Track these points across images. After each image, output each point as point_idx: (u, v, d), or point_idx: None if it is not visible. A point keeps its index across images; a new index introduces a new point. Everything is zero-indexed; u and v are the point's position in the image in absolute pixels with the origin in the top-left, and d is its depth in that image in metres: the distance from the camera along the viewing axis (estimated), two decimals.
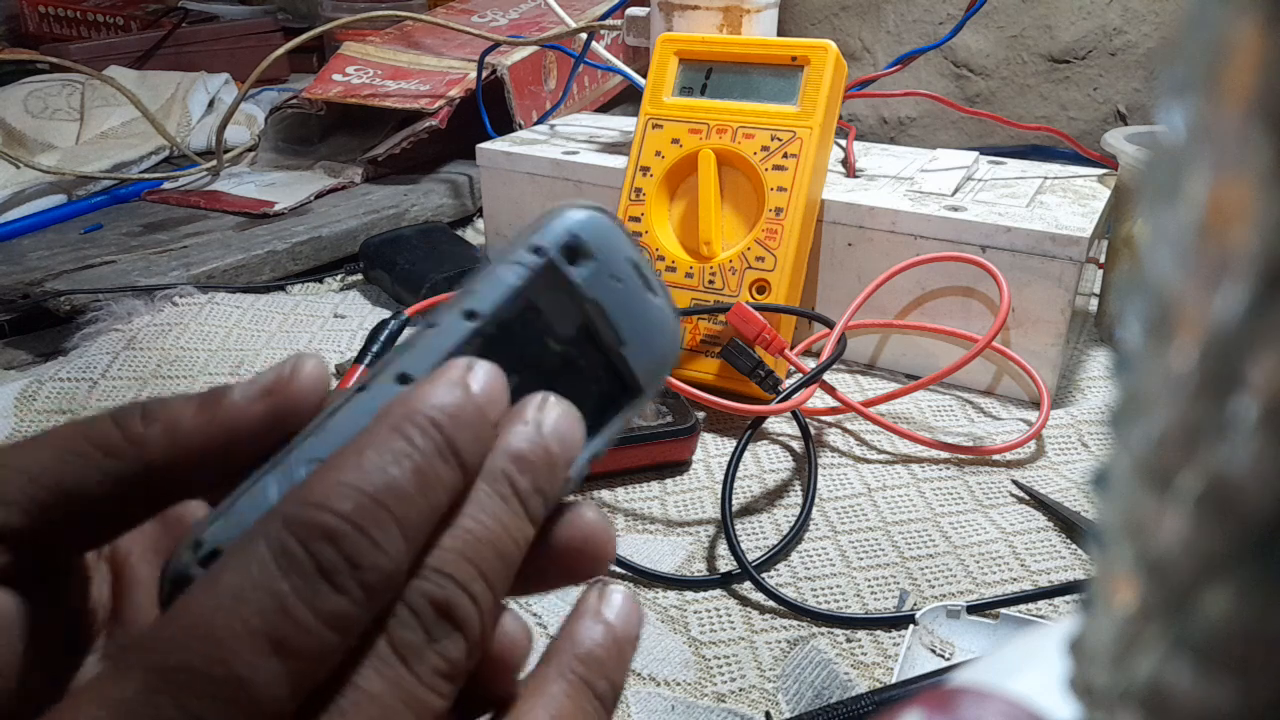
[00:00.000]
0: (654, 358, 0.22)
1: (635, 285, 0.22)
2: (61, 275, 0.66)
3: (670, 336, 0.22)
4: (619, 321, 0.21)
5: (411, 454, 0.17)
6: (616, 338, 0.21)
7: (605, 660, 0.21)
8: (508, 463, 0.19)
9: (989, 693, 0.16)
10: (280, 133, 0.94)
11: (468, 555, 0.18)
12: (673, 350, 0.22)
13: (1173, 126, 0.11)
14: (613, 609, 0.22)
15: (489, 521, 0.18)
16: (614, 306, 0.21)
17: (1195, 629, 0.10)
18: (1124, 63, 0.94)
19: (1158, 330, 0.11)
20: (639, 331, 0.22)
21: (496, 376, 0.19)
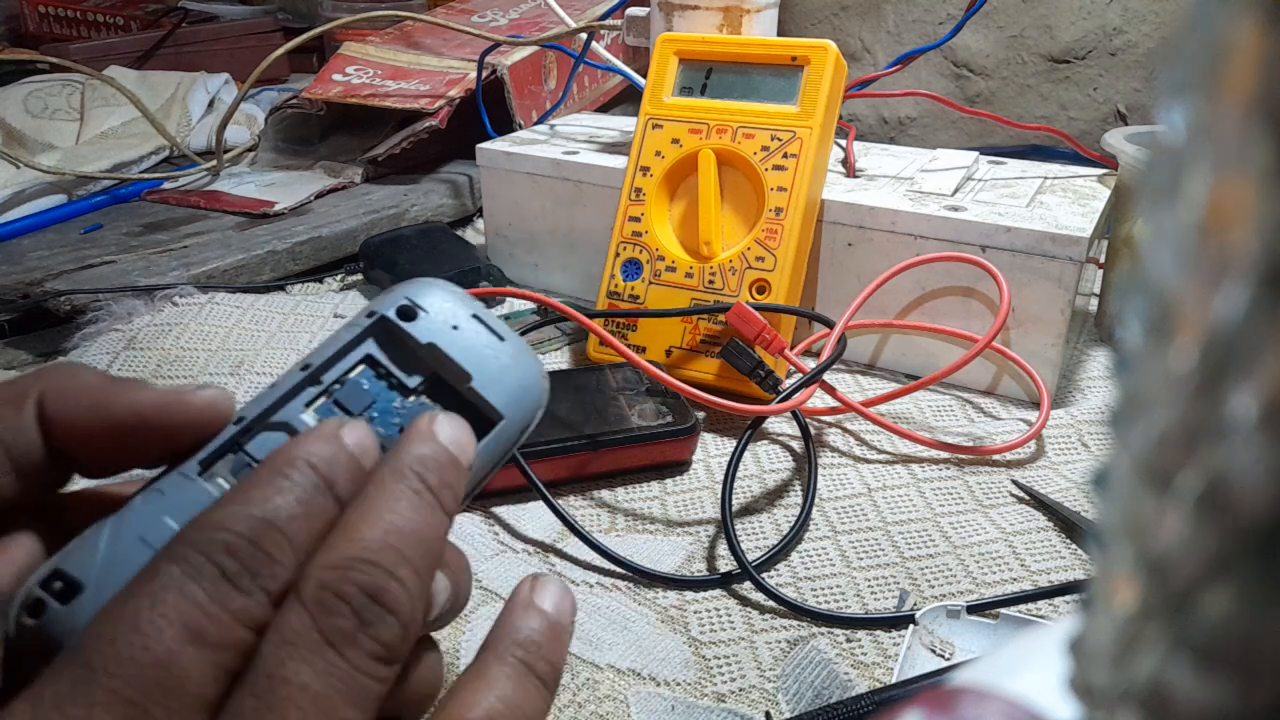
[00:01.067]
0: (510, 388, 0.24)
1: (477, 331, 0.24)
2: (61, 275, 0.66)
3: (527, 369, 0.24)
4: (460, 360, 0.23)
5: (291, 488, 0.20)
6: (463, 374, 0.23)
7: (542, 643, 0.23)
8: (416, 463, 0.21)
9: (989, 693, 0.16)
10: (280, 133, 0.94)
11: (392, 544, 0.20)
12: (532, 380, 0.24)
13: (1173, 126, 0.11)
14: (546, 597, 0.23)
15: (408, 513, 0.20)
16: (453, 348, 0.24)
17: (1195, 629, 0.10)
18: (1124, 63, 0.94)
19: (1158, 330, 0.11)
20: (486, 367, 0.24)
21: (366, 432, 0.22)
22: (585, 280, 0.69)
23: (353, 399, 0.23)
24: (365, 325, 0.24)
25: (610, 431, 0.47)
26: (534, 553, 0.43)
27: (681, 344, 0.56)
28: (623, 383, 0.52)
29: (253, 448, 0.22)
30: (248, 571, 0.19)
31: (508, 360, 0.24)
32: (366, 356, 0.24)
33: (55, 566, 0.19)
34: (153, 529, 0.20)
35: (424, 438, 0.22)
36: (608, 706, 0.34)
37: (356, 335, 0.24)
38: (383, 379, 0.24)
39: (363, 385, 0.23)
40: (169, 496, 0.21)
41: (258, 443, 0.22)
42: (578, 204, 0.67)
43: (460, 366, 0.23)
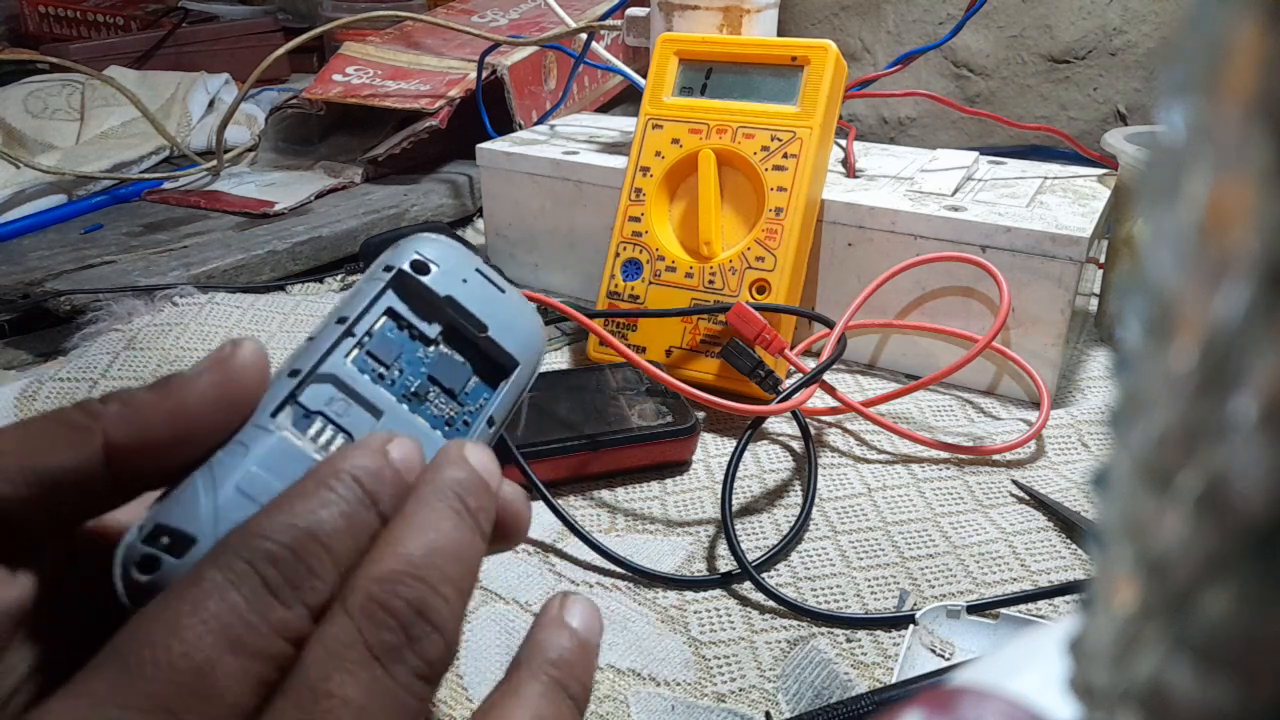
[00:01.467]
0: (520, 336, 0.26)
1: (483, 284, 0.26)
2: (61, 275, 0.66)
3: (529, 318, 0.27)
4: (476, 311, 0.25)
5: (338, 501, 0.20)
6: (479, 324, 0.25)
7: (574, 663, 0.22)
8: (456, 485, 0.21)
9: (989, 693, 0.16)
10: (280, 133, 0.94)
11: (436, 562, 0.20)
12: (536, 329, 0.27)
13: (1173, 126, 0.11)
14: (576, 616, 0.23)
15: (450, 532, 0.20)
16: (468, 300, 0.26)
17: (1195, 629, 0.10)
18: (1124, 63, 0.94)
19: (1158, 330, 0.11)
20: (499, 317, 0.26)
21: (412, 448, 0.22)
22: (585, 280, 0.69)
23: (383, 350, 0.24)
24: (386, 279, 0.25)
25: (610, 431, 0.47)
26: (534, 553, 0.43)
27: (681, 344, 0.56)
28: (623, 383, 0.52)
29: (306, 399, 0.23)
30: (289, 583, 0.18)
31: (514, 311, 0.26)
32: (388, 309, 0.25)
33: (157, 522, 0.20)
34: (246, 480, 0.21)
35: (458, 462, 0.22)
36: (608, 706, 0.34)
37: (379, 289, 0.25)
38: (404, 329, 0.25)
39: (389, 336, 0.25)
40: (253, 449, 0.21)
41: (309, 394, 0.23)
42: (578, 204, 0.67)
43: (476, 317, 0.25)
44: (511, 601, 0.39)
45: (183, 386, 0.21)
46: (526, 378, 0.26)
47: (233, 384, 0.21)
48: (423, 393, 0.25)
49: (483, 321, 0.25)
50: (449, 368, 0.25)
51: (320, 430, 0.23)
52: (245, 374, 0.21)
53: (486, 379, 0.26)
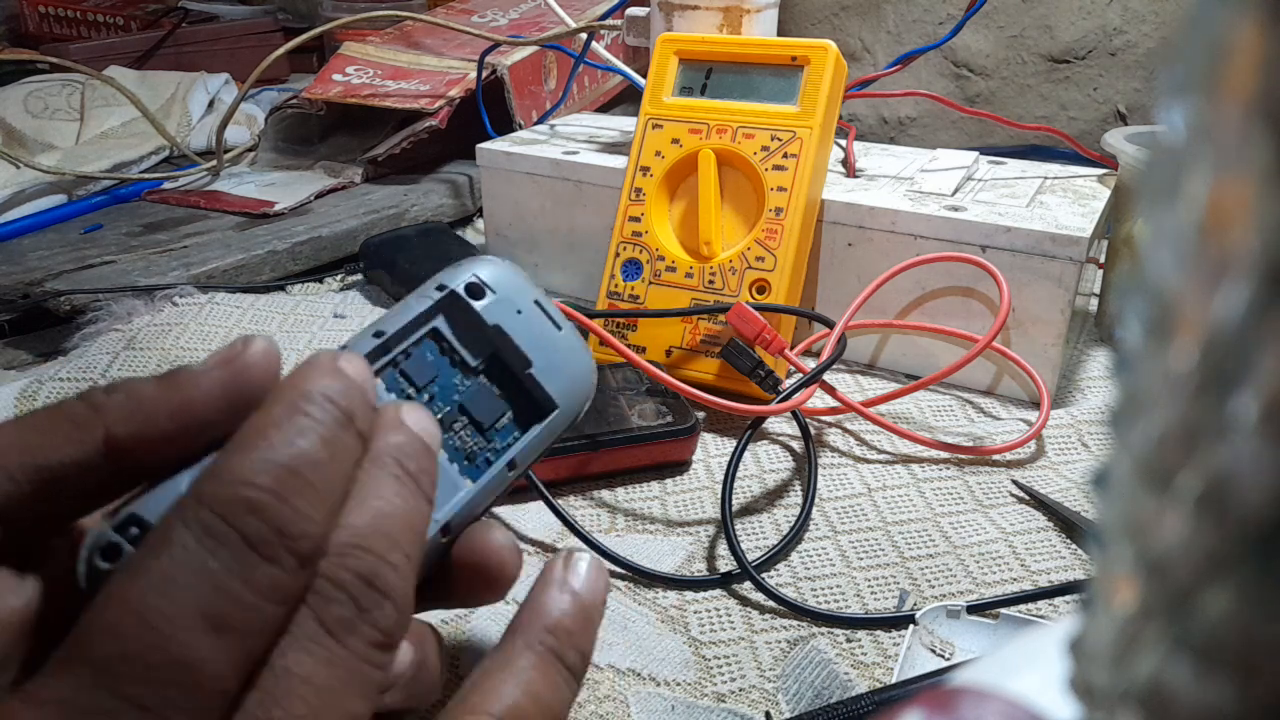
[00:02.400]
0: (566, 378, 0.24)
1: (538, 317, 0.25)
2: (61, 275, 0.66)
3: (581, 361, 0.25)
4: (523, 345, 0.24)
5: (315, 426, 0.18)
6: (524, 359, 0.24)
7: (574, 630, 0.22)
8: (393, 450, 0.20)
9: (989, 693, 0.16)
10: (280, 133, 0.94)
11: (382, 530, 0.19)
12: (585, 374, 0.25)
13: (1173, 126, 0.11)
14: (579, 577, 0.22)
15: (394, 498, 0.19)
16: (518, 333, 0.24)
17: (1195, 629, 0.10)
18: (1124, 63, 0.94)
19: (1158, 330, 0.11)
20: (546, 355, 0.24)
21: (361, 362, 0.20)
22: (585, 280, 0.69)
23: (417, 371, 0.23)
24: (436, 299, 0.24)
25: (610, 431, 0.47)
26: (534, 553, 0.43)
27: (681, 344, 0.56)
28: (623, 383, 0.52)
29: None
30: (275, 533, 0.17)
31: (565, 351, 0.25)
32: (432, 330, 0.24)
33: (131, 511, 0.19)
34: None
35: (394, 425, 0.21)
36: (608, 707, 0.34)
37: (427, 308, 0.24)
38: (445, 354, 0.24)
39: (427, 358, 0.24)
40: None
41: None
42: (578, 204, 0.67)
43: (523, 352, 0.24)
44: (511, 601, 0.39)
45: (189, 381, 0.20)
46: (562, 424, 0.25)
47: (240, 381, 0.20)
48: (448, 421, 0.23)
49: (529, 358, 0.24)
50: (483, 400, 0.24)
51: None
52: (253, 372, 0.20)
53: (521, 418, 0.24)
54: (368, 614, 0.18)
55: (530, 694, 0.20)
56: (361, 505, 0.19)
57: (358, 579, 0.18)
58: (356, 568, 0.18)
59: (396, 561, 0.19)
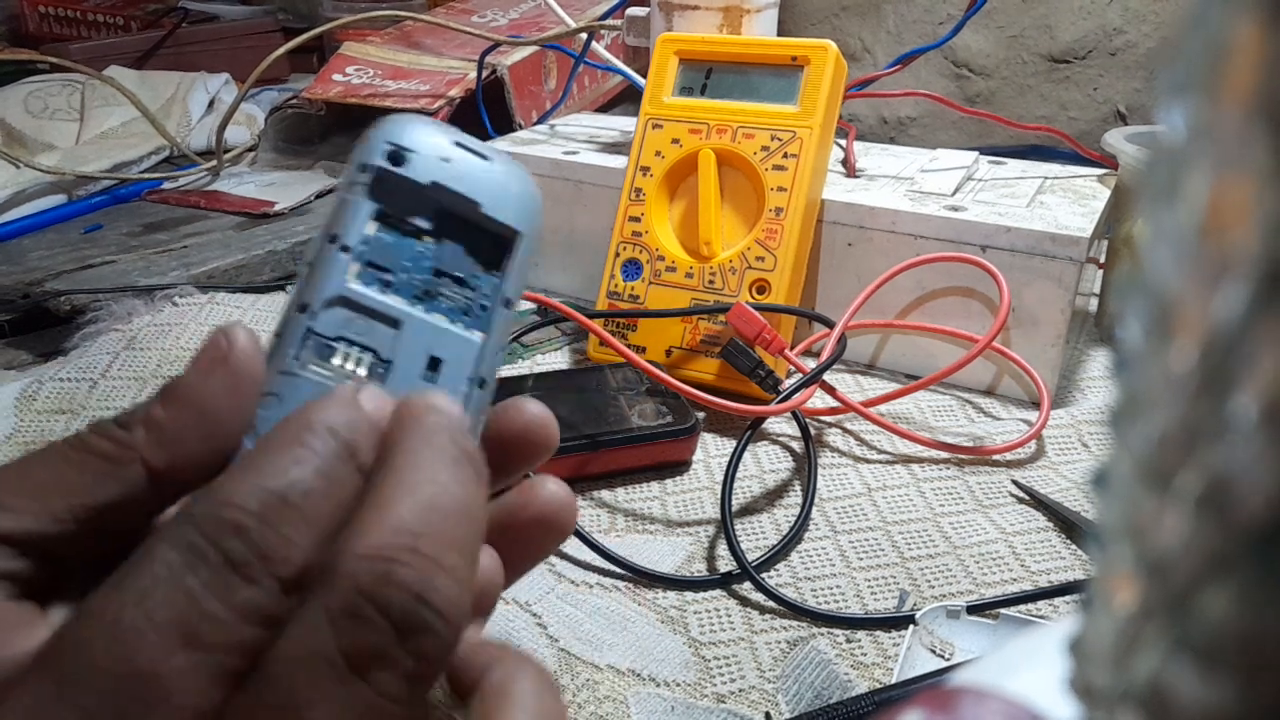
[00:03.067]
0: (515, 204, 0.25)
1: (465, 157, 0.25)
2: (61, 275, 0.66)
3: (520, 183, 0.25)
4: (464, 190, 0.24)
5: (312, 457, 0.17)
6: (470, 202, 0.24)
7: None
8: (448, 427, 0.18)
9: (989, 693, 0.16)
10: (280, 133, 0.94)
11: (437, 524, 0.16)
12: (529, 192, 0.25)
13: (1173, 126, 0.11)
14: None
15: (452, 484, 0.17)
16: (453, 180, 0.24)
17: (1195, 629, 0.10)
18: (1124, 63, 0.94)
19: (1158, 330, 0.11)
20: (488, 190, 0.24)
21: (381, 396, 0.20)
22: (585, 280, 0.69)
23: (381, 256, 0.23)
24: (365, 182, 0.24)
25: (610, 431, 0.47)
26: None
27: (681, 344, 0.56)
28: (623, 383, 0.52)
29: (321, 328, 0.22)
30: (258, 555, 0.16)
31: (502, 178, 0.25)
32: (377, 212, 0.24)
33: None
34: None
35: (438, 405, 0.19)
36: (608, 707, 0.34)
37: (360, 195, 0.24)
38: (396, 228, 0.24)
39: (384, 240, 0.24)
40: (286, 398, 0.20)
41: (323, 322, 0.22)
42: (578, 204, 0.67)
43: (466, 196, 0.24)
44: (511, 601, 0.39)
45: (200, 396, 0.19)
46: (532, 246, 0.25)
47: (241, 377, 0.19)
48: (433, 289, 0.24)
49: (473, 199, 0.24)
50: (453, 256, 0.24)
51: (345, 356, 0.22)
52: (250, 364, 0.20)
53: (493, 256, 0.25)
54: (411, 639, 0.15)
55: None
56: (410, 492, 0.17)
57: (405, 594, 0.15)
58: (405, 580, 0.15)
59: (453, 564, 0.16)
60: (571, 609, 0.39)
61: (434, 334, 0.23)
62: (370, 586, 0.15)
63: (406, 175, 0.24)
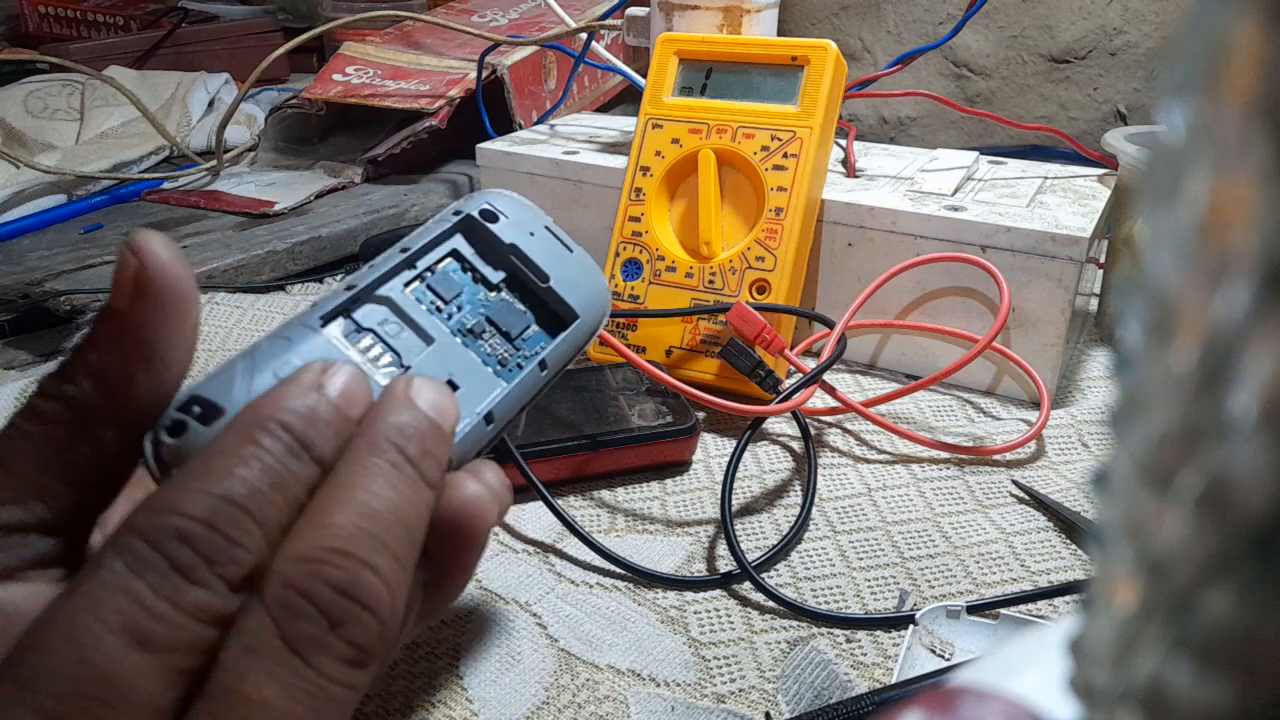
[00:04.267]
0: (584, 291, 0.26)
1: (550, 240, 0.26)
2: (61, 275, 0.66)
3: (594, 278, 0.27)
4: (539, 262, 0.26)
5: (261, 455, 0.17)
6: (542, 274, 0.26)
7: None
8: (393, 433, 0.19)
9: (989, 693, 0.16)
10: (280, 133, 0.94)
11: (366, 528, 0.17)
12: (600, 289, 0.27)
13: (1173, 126, 0.11)
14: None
15: (384, 490, 0.18)
16: (533, 251, 0.26)
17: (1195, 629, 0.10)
18: (1124, 63, 0.94)
19: (1158, 330, 0.11)
20: (561, 271, 0.26)
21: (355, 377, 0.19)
22: None
23: (444, 286, 0.25)
24: (453, 222, 0.25)
25: (610, 431, 0.47)
26: (534, 553, 0.43)
27: (681, 344, 0.56)
28: (623, 383, 0.52)
29: (359, 315, 0.23)
30: (203, 560, 0.16)
31: (579, 268, 0.26)
32: (454, 251, 0.25)
33: (192, 393, 0.20)
34: (284, 367, 0.20)
35: (401, 403, 0.19)
36: (607, 707, 0.34)
37: (446, 230, 0.25)
38: (468, 272, 0.25)
39: (451, 275, 0.25)
40: (296, 343, 0.21)
41: (363, 312, 0.23)
42: (578, 204, 0.67)
43: (540, 268, 0.26)
44: (511, 601, 0.39)
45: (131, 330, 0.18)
46: (586, 334, 0.26)
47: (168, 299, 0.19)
48: (478, 331, 0.25)
49: (545, 272, 0.26)
50: (508, 313, 0.25)
51: (370, 346, 0.22)
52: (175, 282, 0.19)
53: (546, 329, 0.26)
54: (342, 628, 0.16)
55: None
56: (344, 501, 0.17)
57: (332, 590, 0.17)
58: (331, 578, 0.17)
59: (381, 565, 0.17)
60: (571, 609, 0.39)
61: (461, 361, 0.24)
62: (301, 584, 0.16)
63: (493, 230, 0.26)
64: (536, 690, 0.35)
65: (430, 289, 0.24)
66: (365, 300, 0.23)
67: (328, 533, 0.17)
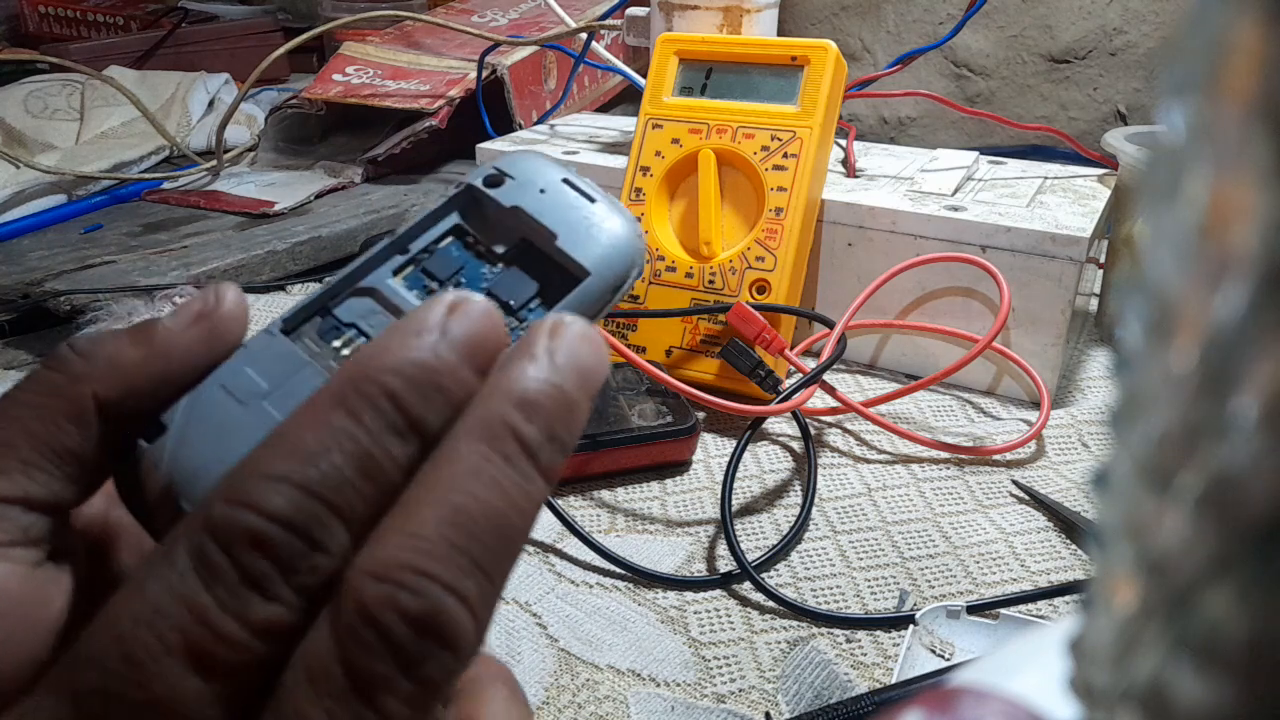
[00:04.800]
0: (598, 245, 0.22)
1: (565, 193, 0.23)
2: (61, 275, 0.66)
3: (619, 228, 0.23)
4: (546, 220, 0.23)
5: (358, 435, 0.15)
6: (549, 233, 0.22)
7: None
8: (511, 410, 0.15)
9: (989, 693, 0.16)
10: (280, 133, 0.94)
11: (457, 543, 0.14)
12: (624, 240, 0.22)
13: (1173, 126, 0.10)
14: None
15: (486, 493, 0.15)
16: (540, 210, 0.23)
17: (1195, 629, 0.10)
18: (1124, 63, 0.94)
19: (1158, 330, 0.11)
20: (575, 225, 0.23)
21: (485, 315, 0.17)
22: None
23: (440, 266, 0.22)
24: (451, 195, 0.23)
25: (610, 431, 0.47)
26: (534, 553, 0.43)
27: (681, 344, 0.56)
28: (623, 383, 0.52)
29: (341, 311, 0.21)
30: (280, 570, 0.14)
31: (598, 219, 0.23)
32: (454, 226, 0.23)
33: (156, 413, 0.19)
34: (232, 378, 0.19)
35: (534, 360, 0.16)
36: (607, 707, 0.34)
37: (443, 205, 0.23)
38: (471, 248, 0.23)
39: (451, 253, 0.23)
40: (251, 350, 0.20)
41: (345, 307, 0.21)
42: None
43: (544, 226, 0.22)
44: (511, 601, 0.39)
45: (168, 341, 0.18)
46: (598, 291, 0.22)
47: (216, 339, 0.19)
48: None
49: (550, 230, 0.22)
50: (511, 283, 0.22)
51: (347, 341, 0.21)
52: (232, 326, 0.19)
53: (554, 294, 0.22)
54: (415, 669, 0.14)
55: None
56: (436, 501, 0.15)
57: (407, 624, 0.14)
58: (408, 608, 0.14)
59: (468, 591, 0.14)
60: (571, 609, 0.39)
61: None
62: (374, 609, 0.14)
63: (493, 197, 0.23)
64: (536, 690, 0.35)
65: (426, 272, 0.22)
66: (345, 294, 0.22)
67: (411, 543, 0.14)
